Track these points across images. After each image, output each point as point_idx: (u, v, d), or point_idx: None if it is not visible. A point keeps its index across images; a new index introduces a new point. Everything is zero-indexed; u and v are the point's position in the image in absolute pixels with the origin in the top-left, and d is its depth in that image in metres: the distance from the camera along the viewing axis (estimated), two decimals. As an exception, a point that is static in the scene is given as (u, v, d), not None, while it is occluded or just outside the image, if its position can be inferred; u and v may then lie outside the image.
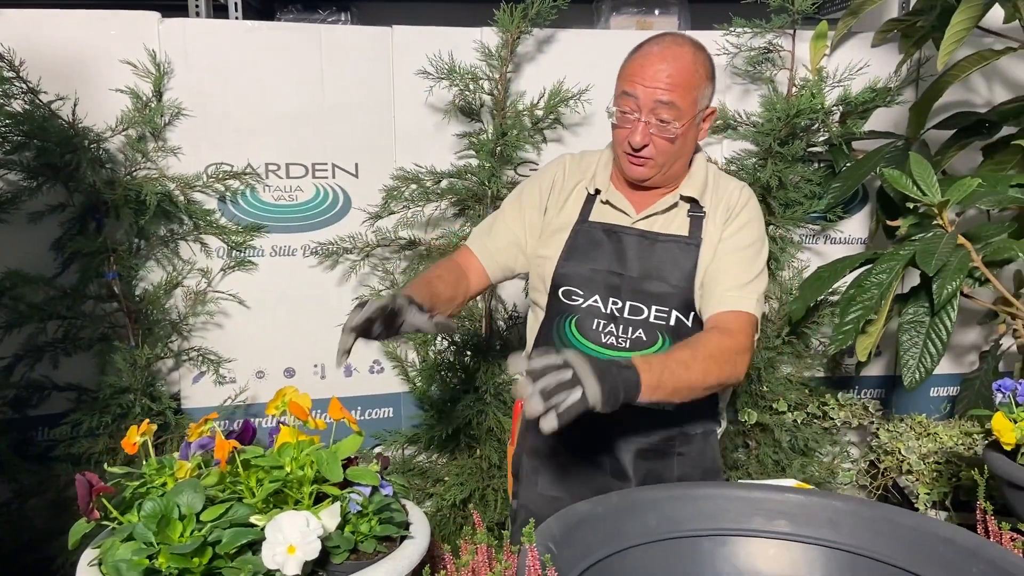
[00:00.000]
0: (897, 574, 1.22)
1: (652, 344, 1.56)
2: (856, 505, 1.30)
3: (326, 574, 0.91)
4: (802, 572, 1.30)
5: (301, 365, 2.36)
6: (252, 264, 2.29)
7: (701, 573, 1.31)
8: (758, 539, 1.32)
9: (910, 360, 1.78)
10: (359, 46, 2.28)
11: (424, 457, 2.40)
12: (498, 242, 1.66)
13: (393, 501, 1.02)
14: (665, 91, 1.46)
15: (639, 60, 1.50)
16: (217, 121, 2.21)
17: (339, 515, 0.92)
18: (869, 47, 2.44)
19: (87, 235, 2.12)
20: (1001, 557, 1.12)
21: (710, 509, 1.34)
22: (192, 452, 1.00)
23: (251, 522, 0.89)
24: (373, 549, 0.95)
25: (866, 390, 2.64)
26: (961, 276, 1.69)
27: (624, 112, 1.50)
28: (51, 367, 2.19)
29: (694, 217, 1.58)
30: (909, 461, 1.96)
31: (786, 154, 2.26)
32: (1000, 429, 1.26)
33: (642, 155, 1.51)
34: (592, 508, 1.27)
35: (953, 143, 2.19)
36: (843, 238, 2.56)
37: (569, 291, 1.59)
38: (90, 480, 0.92)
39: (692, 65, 1.49)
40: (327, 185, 2.31)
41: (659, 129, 1.48)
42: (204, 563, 0.85)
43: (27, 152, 2.04)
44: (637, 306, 1.56)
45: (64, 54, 2.08)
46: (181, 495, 0.90)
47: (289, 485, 0.95)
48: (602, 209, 1.62)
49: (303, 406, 0.99)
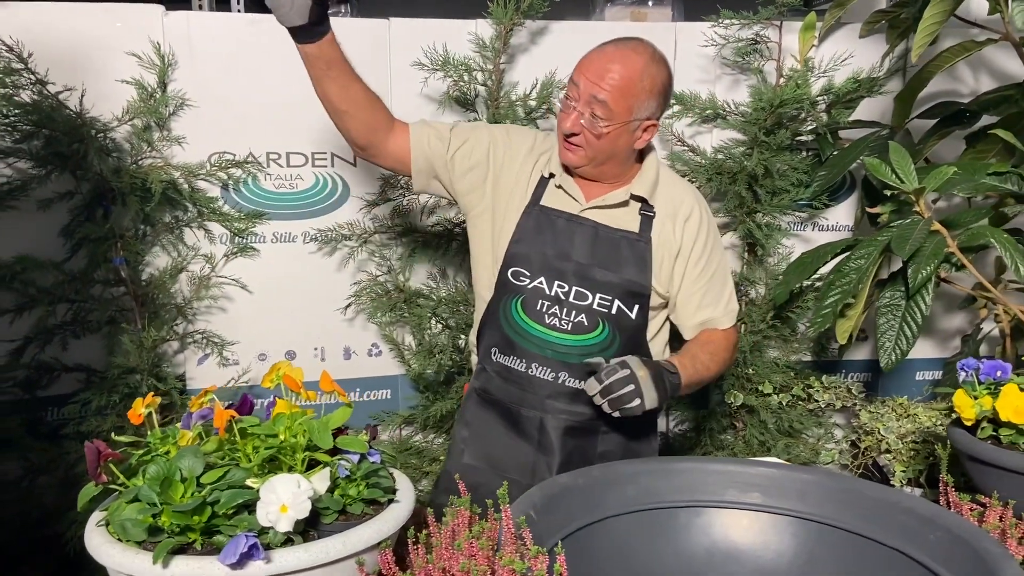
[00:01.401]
0: (861, 542, 1.29)
1: (593, 329, 1.66)
2: (823, 477, 1.37)
3: (317, 533, 0.98)
4: (773, 541, 1.37)
5: (301, 348, 2.44)
6: (254, 250, 2.36)
7: (677, 542, 1.38)
8: (732, 510, 1.39)
9: (887, 343, 1.84)
10: (357, 38, 2.33)
11: (420, 437, 2.48)
12: (433, 132, 1.71)
13: (381, 468, 1.09)
14: (602, 90, 1.54)
15: (594, 54, 1.59)
16: (220, 111, 2.28)
17: (329, 479, 1.00)
18: (857, 38, 2.50)
19: (95, 222, 2.19)
20: (956, 524, 1.19)
21: (687, 482, 1.41)
22: (193, 422, 1.07)
23: (247, 485, 0.96)
24: (361, 511, 1.02)
25: (853, 373, 2.71)
26: (936, 261, 1.75)
27: (567, 98, 1.58)
28: (60, 349, 2.26)
29: (644, 216, 1.66)
30: (887, 441, 2.02)
31: (772, 143, 2.32)
32: (961, 405, 1.33)
33: (572, 142, 1.59)
34: (573, 479, 1.35)
35: (934, 132, 2.24)
36: (831, 225, 2.62)
37: (517, 271, 1.67)
38: (98, 447, 1.00)
39: (639, 75, 1.56)
40: (326, 174, 2.38)
41: (589, 123, 1.56)
42: (203, 521, 0.92)
43: (36, 141, 2.11)
44: (582, 291, 1.64)
45: (71, 46, 2.14)
46: (183, 460, 0.97)
47: (283, 452, 1.02)
48: (554, 193, 1.69)
49: (296, 379, 1.06)
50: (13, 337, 2.21)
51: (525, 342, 1.67)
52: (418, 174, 1.73)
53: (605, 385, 1.49)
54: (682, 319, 1.75)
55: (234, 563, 0.88)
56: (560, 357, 1.66)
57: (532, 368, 1.67)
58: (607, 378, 1.49)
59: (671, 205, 1.69)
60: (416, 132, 1.71)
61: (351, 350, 2.46)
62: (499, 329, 1.70)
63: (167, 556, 0.90)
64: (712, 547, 1.38)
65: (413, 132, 1.71)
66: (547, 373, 1.67)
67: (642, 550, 1.36)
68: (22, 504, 2.15)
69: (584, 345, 1.65)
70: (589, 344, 1.65)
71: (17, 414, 2.20)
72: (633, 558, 1.35)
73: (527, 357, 1.67)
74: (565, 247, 1.64)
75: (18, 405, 2.23)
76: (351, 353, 2.47)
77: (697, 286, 1.70)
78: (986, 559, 1.09)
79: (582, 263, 1.63)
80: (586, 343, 1.65)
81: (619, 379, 1.48)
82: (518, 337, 1.67)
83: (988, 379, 1.37)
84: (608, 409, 1.51)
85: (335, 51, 1.58)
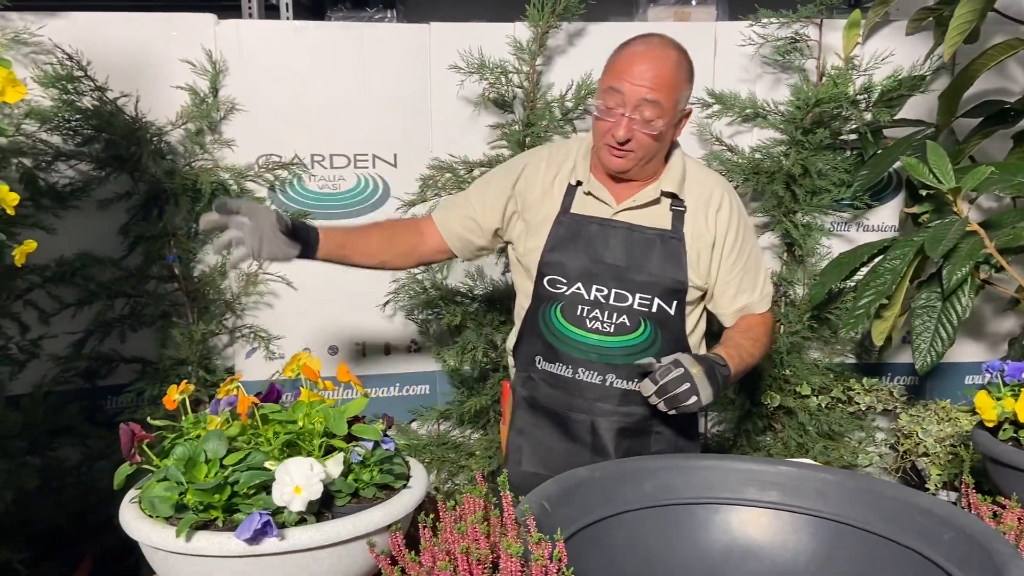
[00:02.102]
0: (878, 542, 1.29)
1: (635, 329, 1.67)
2: (843, 477, 1.37)
3: (330, 514, 1.03)
4: (791, 540, 1.37)
5: (343, 343, 2.52)
6: (300, 248, 2.44)
7: (695, 538, 1.40)
8: (751, 508, 1.40)
9: (922, 344, 1.82)
10: (399, 43, 2.41)
11: (458, 432, 2.53)
12: (457, 213, 1.78)
13: (395, 455, 1.14)
14: (651, 90, 1.55)
15: (626, 57, 1.59)
16: (267, 115, 2.37)
17: (342, 464, 1.05)
18: (903, 35, 2.46)
19: (150, 221, 2.30)
20: (970, 525, 1.18)
21: (706, 479, 1.43)
22: (221, 408, 1.14)
23: (265, 467, 1.02)
24: (373, 495, 1.07)
25: (899, 376, 2.66)
26: (971, 262, 1.73)
27: (609, 107, 1.58)
28: (119, 341, 2.38)
29: (675, 211, 1.67)
30: (926, 444, 1.99)
31: (810, 142, 2.30)
32: (982, 407, 1.32)
33: (624, 148, 1.59)
34: (590, 473, 1.37)
35: (978, 131, 2.20)
36: (875, 225, 2.58)
37: (553, 280, 1.69)
38: (133, 429, 1.07)
39: (676, 67, 1.58)
40: (368, 175, 2.45)
41: (642, 125, 1.57)
42: (224, 499, 0.99)
43: (96, 144, 2.23)
44: (622, 293, 1.65)
45: (129, 54, 2.26)
46: (208, 442, 1.04)
47: (301, 437, 1.08)
48: (584, 200, 1.71)
49: (314, 369, 1.12)
50: (75, 330, 2.34)
51: (568, 348, 1.69)
52: (461, 252, 1.85)
53: (661, 385, 1.50)
54: (721, 307, 1.75)
55: (249, 539, 0.94)
56: (605, 359, 1.68)
57: (578, 373, 1.69)
58: (662, 378, 1.50)
59: (701, 197, 1.70)
60: (442, 223, 1.81)
61: (391, 346, 2.53)
62: (540, 337, 1.72)
63: (190, 531, 0.96)
64: (730, 544, 1.39)
65: (440, 225, 1.82)
66: (594, 376, 1.69)
67: (659, 545, 1.37)
68: (81, 488, 2.28)
69: (628, 346, 1.67)
70: (632, 344, 1.67)
71: (78, 402, 2.33)
72: (650, 553, 1.37)
73: (572, 362, 1.69)
74: (600, 251, 1.66)
75: (79, 394, 2.36)
76: (391, 349, 2.54)
77: (733, 274, 1.71)
78: (995, 559, 1.09)
79: (619, 265, 1.65)
80: (629, 343, 1.67)
81: (674, 378, 1.50)
82: (560, 343, 1.69)
83: (1013, 381, 1.35)
84: (665, 408, 1.52)
85: (334, 240, 1.76)
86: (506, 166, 1.81)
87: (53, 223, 2.23)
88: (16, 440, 2.17)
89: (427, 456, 2.46)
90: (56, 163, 2.24)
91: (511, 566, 0.95)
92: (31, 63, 2.18)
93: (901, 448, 2.10)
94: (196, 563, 0.96)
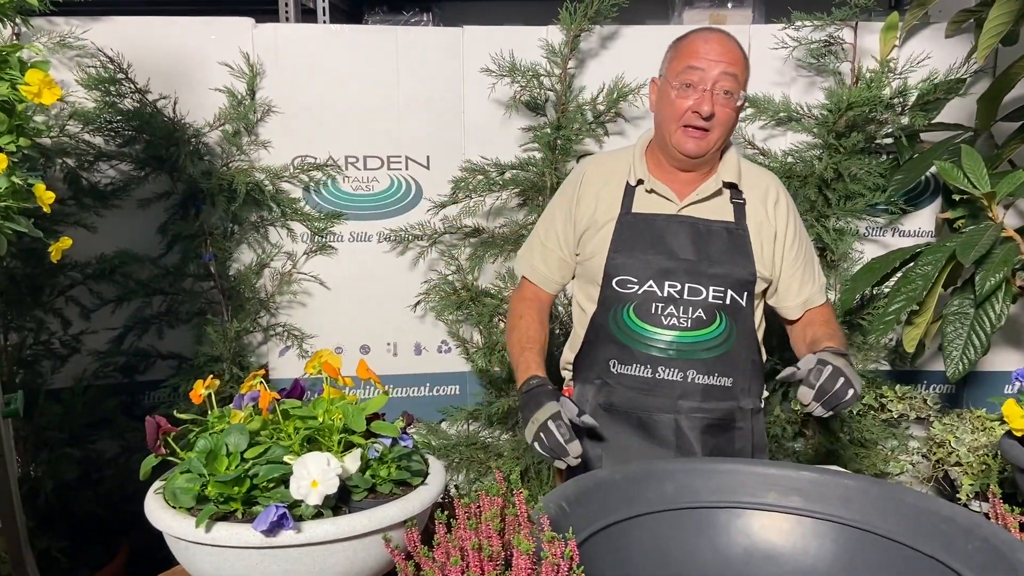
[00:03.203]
0: (900, 549, 1.27)
1: (711, 322, 1.65)
2: (866, 484, 1.35)
3: (348, 509, 1.05)
4: (812, 546, 1.36)
5: (375, 342, 2.55)
6: (332, 249, 2.49)
7: (716, 542, 1.39)
8: (772, 513, 1.39)
9: (953, 351, 1.79)
10: (432, 46, 2.44)
11: (487, 433, 2.54)
12: (548, 265, 1.78)
13: (414, 452, 1.15)
14: (729, 64, 1.59)
15: (697, 41, 1.62)
16: (303, 117, 2.42)
17: (360, 460, 1.07)
18: (943, 38, 2.42)
19: (187, 220, 2.36)
20: (994, 535, 1.16)
21: (727, 483, 1.42)
22: (244, 403, 1.16)
23: (285, 461, 1.04)
24: (389, 491, 1.09)
25: (935, 385, 2.61)
26: (1006, 268, 1.69)
27: (688, 84, 1.59)
28: (157, 337, 2.45)
29: (736, 204, 1.67)
30: (958, 453, 1.96)
31: (844, 146, 2.27)
32: (1010, 415, 1.29)
33: (703, 126, 1.60)
34: (610, 474, 1.37)
35: (1017, 135, 2.15)
36: (912, 231, 2.54)
37: (624, 280, 1.66)
38: (158, 422, 1.10)
39: (743, 52, 1.64)
40: (401, 176, 2.48)
41: (724, 100, 1.59)
42: (243, 492, 1.01)
43: (136, 145, 2.30)
44: (695, 287, 1.64)
45: (169, 57, 2.32)
46: (230, 436, 1.06)
47: (321, 433, 1.10)
48: (646, 199, 1.69)
49: (334, 365, 1.14)
50: (114, 326, 2.40)
51: (646, 347, 1.66)
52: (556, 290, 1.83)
53: (820, 386, 1.47)
54: (786, 300, 1.74)
55: (266, 531, 0.96)
56: (685, 355, 1.65)
57: (659, 371, 1.66)
58: (817, 379, 1.48)
59: (757, 190, 1.71)
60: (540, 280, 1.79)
61: (422, 346, 2.56)
62: (612, 340, 1.69)
63: (209, 522, 0.99)
64: (751, 548, 1.38)
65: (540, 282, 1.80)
66: (675, 374, 1.66)
67: (679, 548, 1.37)
68: (119, 479, 2.34)
69: (706, 339, 1.66)
70: (710, 338, 1.66)
71: (116, 396, 2.39)
72: (670, 555, 1.36)
73: (651, 362, 1.66)
74: (670, 247, 1.66)
75: (118, 388, 2.42)
76: (422, 349, 2.56)
77: (796, 266, 1.71)
78: (1019, 570, 1.07)
79: (690, 260, 1.65)
80: (707, 337, 1.66)
81: (829, 377, 1.47)
82: (636, 343, 1.67)
83: (1044, 389, 1.32)
84: (823, 411, 1.49)
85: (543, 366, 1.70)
86: (562, 195, 1.80)
87: (95, 222, 2.30)
88: (56, 432, 2.25)
89: (456, 456, 2.48)
90: (98, 163, 2.31)
91: (522, 563, 0.96)
92: (75, 66, 2.25)
93: (933, 457, 2.06)
94: (215, 553, 0.99)
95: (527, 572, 0.97)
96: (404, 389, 2.59)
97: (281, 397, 1.14)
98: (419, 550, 1.01)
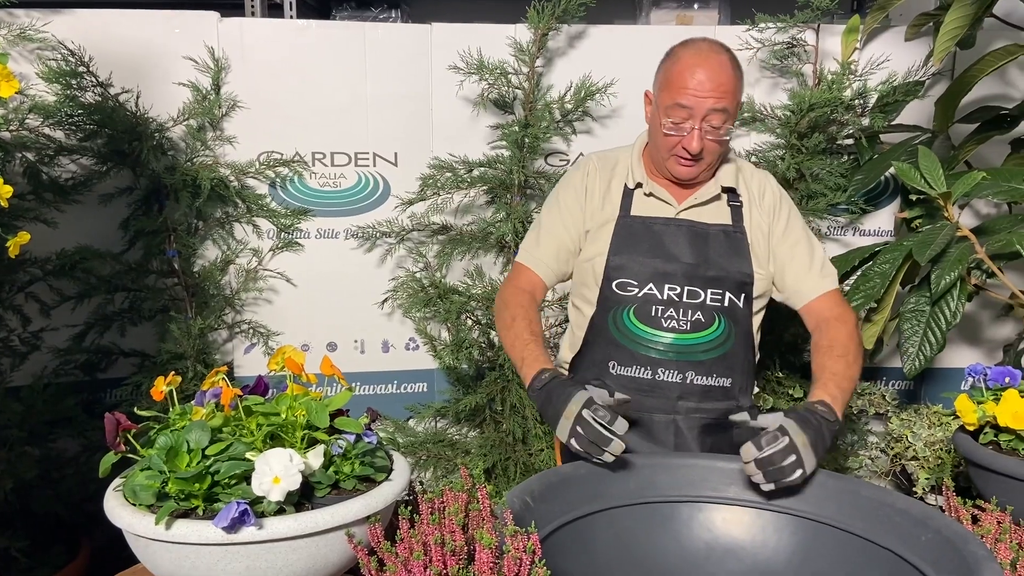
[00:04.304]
0: (856, 542, 1.30)
1: (710, 324, 1.66)
2: (823, 478, 1.38)
3: (310, 505, 1.06)
4: (772, 538, 1.39)
5: (342, 340, 2.54)
6: (299, 245, 2.47)
7: (678, 535, 1.41)
8: (733, 507, 1.42)
9: (910, 348, 1.83)
10: (400, 43, 2.43)
11: (455, 430, 2.55)
12: (548, 251, 1.74)
13: (378, 448, 1.16)
14: (718, 99, 1.56)
15: (684, 70, 1.58)
16: (269, 113, 2.40)
17: (323, 456, 1.07)
18: (903, 41, 2.46)
19: (151, 216, 2.33)
20: (946, 527, 1.19)
21: (690, 477, 1.44)
22: (206, 400, 1.16)
23: (247, 457, 1.04)
24: (353, 487, 1.09)
25: (894, 381, 2.67)
26: (960, 267, 1.73)
27: (677, 122, 1.59)
28: (119, 335, 2.41)
29: (733, 206, 1.69)
30: (915, 448, 2.00)
31: (806, 147, 2.31)
32: (963, 410, 1.33)
33: (696, 158, 1.60)
34: (575, 469, 1.39)
35: (973, 137, 2.20)
36: (872, 230, 2.59)
37: (624, 283, 1.67)
38: (118, 419, 1.09)
39: (733, 70, 1.60)
40: (368, 173, 2.48)
41: (712, 134, 1.59)
42: (204, 488, 1.01)
43: (98, 140, 2.26)
44: (694, 290, 1.65)
45: (133, 50, 2.29)
46: (191, 433, 1.06)
47: (284, 429, 1.10)
48: (645, 201, 1.71)
49: (297, 361, 1.14)
50: (75, 323, 2.37)
51: (646, 349, 1.67)
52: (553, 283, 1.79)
53: (766, 456, 1.33)
54: (787, 287, 1.71)
55: (227, 527, 0.96)
56: (684, 357, 1.67)
57: (658, 373, 1.68)
58: (768, 447, 1.33)
59: (751, 189, 1.73)
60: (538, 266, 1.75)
61: (389, 343, 2.55)
62: (612, 342, 1.70)
63: (170, 519, 0.98)
64: (712, 542, 1.40)
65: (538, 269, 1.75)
66: (674, 375, 1.67)
67: (643, 542, 1.39)
68: (80, 478, 2.31)
69: (705, 341, 1.67)
70: (708, 340, 1.67)
71: (77, 394, 2.36)
72: (633, 549, 1.38)
73: (651, 364, 1.67)
74: (669, 250, 1.67)
75: (79, 386, 2.39)
76: (389, 346, 2.56)
77: (792, 251, 1.70)
78: (969, 561, 1.10)
79: (688, 263, 1.66)
80: (706, 339, 1.67)
81: (780, 450, 1.32)
82: (636, 345, 1.68)
83: (996, 385, 1.36)
84: (762, 480, 1.34)
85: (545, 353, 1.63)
86: (568, 185, 1.77)
87: (55, 217, 2.26)
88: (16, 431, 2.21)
89: (423, 453, 2.48)
90: (58, 157, 2.27)
91: (485, 557, 0.97)
92: (36, 59, 2.22)
93: (891, 452, 2.11)
94: (175, 551, 0.98)
95: (490, 566, 0.98)
96: (371, 386, 2.59)
97: (244, 393, 1.14)
98: (382, 545, 1.01)
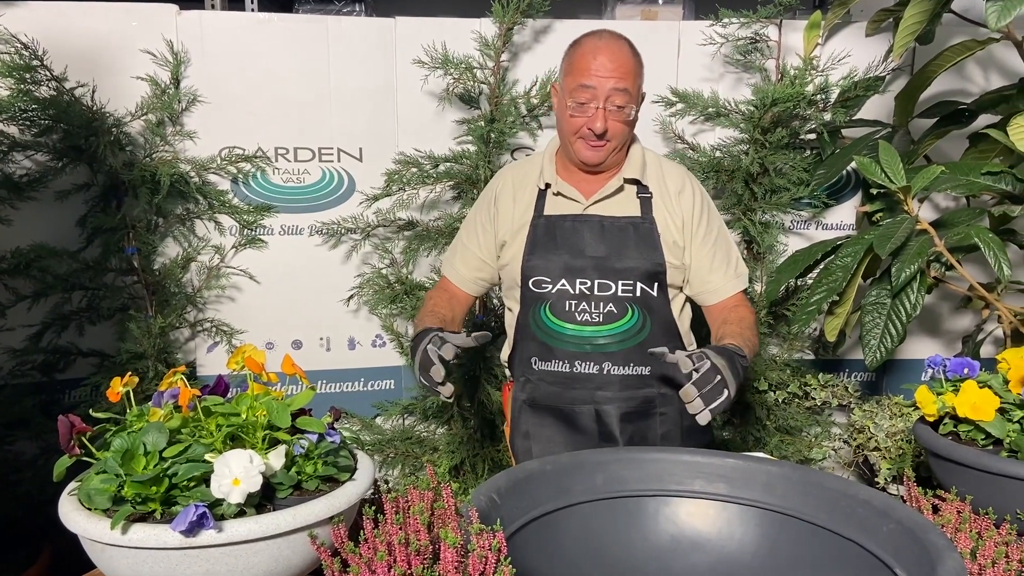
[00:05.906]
0: (820, 533, 1.31)
1: (623, 315, 1.71)
2: (788, 470, 1.38)
3: (272, 506, 1.04)
4: (737, 531, 1.39)
5: (308, 337, 2.51)
6: (262, 242, 2.44)
7: (644, 530, 1.41)
8: (699, 500, 1.42)
9: (871, 340, 1.85)
10: (364, 37, 2.40)
11: (423, 427, 2.53)
12: (467, 265, 1.83)
13: (341, 448, 1.14)
14: (619, 79, 1.61)
15: (586, 54, 1.63)
16: (231, 107, 2.36)
17: (284, 456, 1.05)
18: (863, 36, 2.49)
19: (108, 213, 2.28)
20: (907, 517, 1.20)
21: (655, 471, 1.44)
22: (164, 400, 1.13)
23: (206, 459, 1.02)
24: (316, 487, 1.07)
25: (857, 373, 2.71)
26: (920, 260, 1.76)
27: (581, 103, 1.63)
28: (77, 334, 2.36)
29: (643, 198, 1.71)
30: (877, 438, 2.03)
31: (770, 141, 2.33)
32: (923, 401, 1.34)
33: (601, 140, 1.64)
34: (541, 466, 1.38)
35: (932, 131, 2.23)
36: (835, 224, 2.62)
37: (538, 280, 1.73)
38: (72, 421, 1.06)
39: (632, 54, 1.65)
40: (333, 168, 2.45)
41: (616, 114, 1.62)
42: (162, 492, 0.98)
43: (53, 135, 2.21)
44: (604, 283, 1.70)
45: (88, 44, 2.23)
46: (147, 434, 1.03)
47: (245, 430, 1.08)
48: (555, 201, 1.75)
49: (258, 360, 1.12)
50: (32, 322, 2.31)
51: (562, 343, 1.73)
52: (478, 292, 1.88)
53: (701, 376, 1.41)
54: (697, 286, 1.75)
55: (186, 531, 0.94)
56: (600, 349, 1.71)
57: (576, 366, 1.72)
58: (698, 364, 1.42)
59: (663, 183, 1.75)
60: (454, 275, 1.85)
61: (355, 340, 2.53)
62: (533, 338, 1.76)
63: (126, 523, 0.96)
64: (678, 535, 1.40)
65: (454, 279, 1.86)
66: (591, 367, 1.72)
67: (609, 537, 1.39)
68: (38, 481, 2.25)
69: (619, 332, 1.71)
70: (623, 330, 1.71)
71: (35, 396, 2.30)
72: (600, 544, 1.38)
73: (567, 357, 1.73)
74: (578, 246, 1.71)
75: (37, 387, 2.33)
76: (355, 343, 2.53)
77: (705, 250, 1.74)
78: (930, 551, 1.11)
79: (597, 256, 1.69)
80: (620, 330, 1.71)
81: (708, 369, 1.42)
82: (554, 340, 1.73)
83: (955, 376, 1.38)
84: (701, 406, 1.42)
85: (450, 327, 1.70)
86: (482, 200, 1.85)
87: (9, 214, 2.21)
88: (-30, 433, 2.15)
89: (391, 451, 2.47)
90: (12, 153, 2.21)
91: (449, 556, 0.96)
92: (-13, 52, 2.16)
93: (854, 443, 2.13)
94: (132, 555, 0.96)
95: (455, 565, 0.97)
96: (338, 384, 2.56)
97: (203, 394, 1.11)
98: (346, 546, 1.00)
